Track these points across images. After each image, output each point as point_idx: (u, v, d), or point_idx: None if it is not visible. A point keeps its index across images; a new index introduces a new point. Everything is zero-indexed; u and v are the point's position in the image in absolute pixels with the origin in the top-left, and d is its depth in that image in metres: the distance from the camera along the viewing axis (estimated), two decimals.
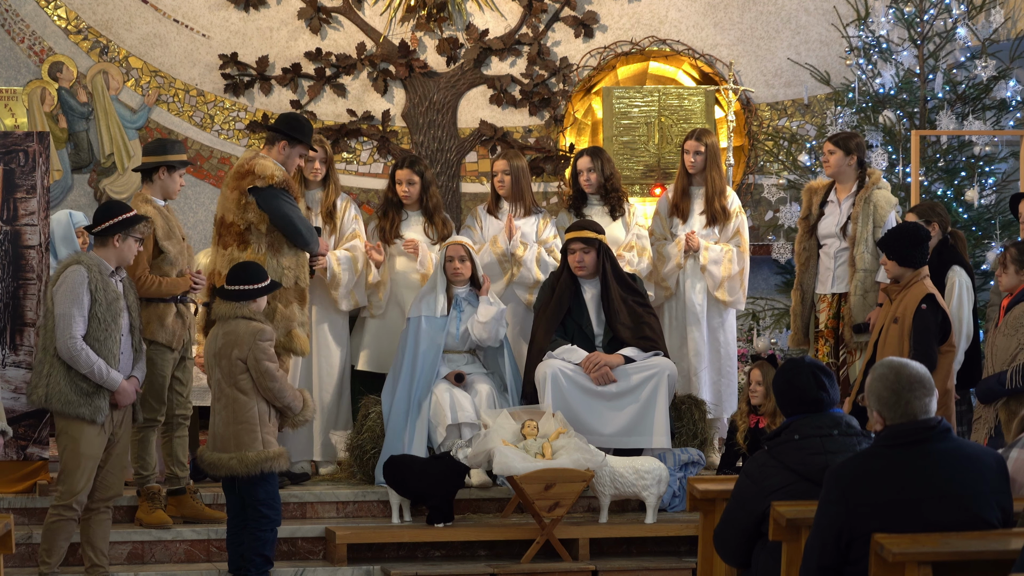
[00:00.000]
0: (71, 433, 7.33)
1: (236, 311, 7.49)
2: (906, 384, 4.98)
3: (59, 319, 7.24)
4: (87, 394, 7.29)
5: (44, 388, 7.33)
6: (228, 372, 7.44)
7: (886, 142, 10.78)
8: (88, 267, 7.30)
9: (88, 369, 7.26)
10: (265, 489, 7.46)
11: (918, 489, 4.89)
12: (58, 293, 7.29)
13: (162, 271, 7.96)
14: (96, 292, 7.28)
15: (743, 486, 5.47)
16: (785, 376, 5.50)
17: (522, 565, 8.01)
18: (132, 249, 7.46)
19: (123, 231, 7.40)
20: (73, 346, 7.23)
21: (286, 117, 8.58)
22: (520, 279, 9.32)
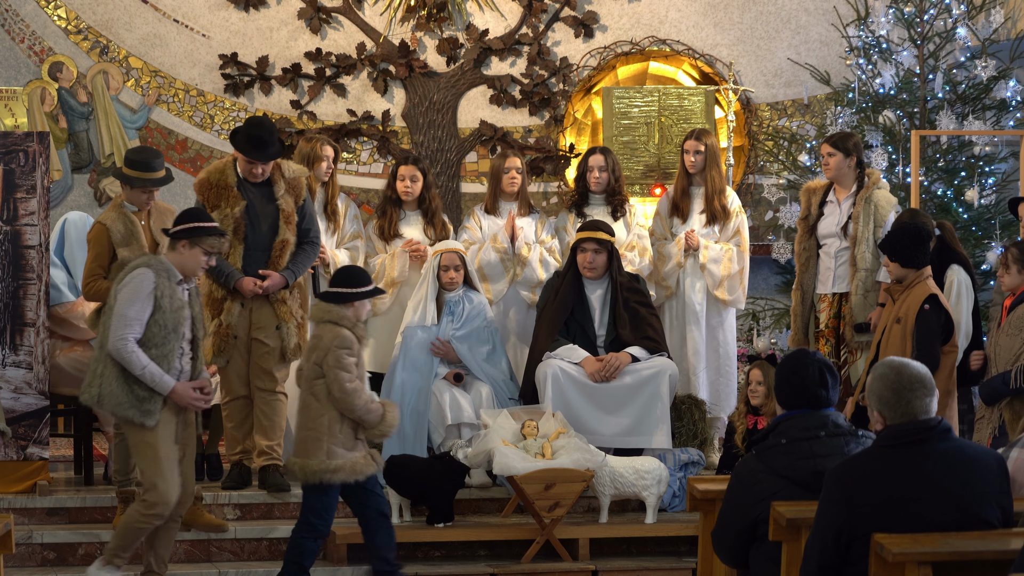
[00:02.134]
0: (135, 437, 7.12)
1: (326, 315, 7.36)
2: (907, 384, 4.98)
3: (114, 318, 7.04)
4: (140, 397, 7.07)
5: (97, 388, 7.13)
6: (307, 376, 7.33)
7: (886, 142, 10.78)
8: (157, 272, 7.07)
9: (140, 371, 7.02)
10: (320, 499, 7.32)
11: (918, 489, 4.89)
12: (121, 292, 7.06)
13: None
14: (161, 299, 7.04)
15: (735, 491, 5.47)
16: (791, 364, 5.49)
17: (522, 565, 8.01)
18: (198, 260, 7.15)
19: (190, 238, 7.13)
20: (124, 347, 7.01)
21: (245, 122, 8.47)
22: (524, 279, 9.32)
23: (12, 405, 8.16)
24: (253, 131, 8.19)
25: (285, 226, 8.25)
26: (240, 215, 8.18)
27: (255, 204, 8.23)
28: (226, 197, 8.19)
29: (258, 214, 8.23)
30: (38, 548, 7.95)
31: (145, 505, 7.08)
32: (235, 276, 8.17)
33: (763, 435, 5.52)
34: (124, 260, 7.73)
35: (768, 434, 5.48)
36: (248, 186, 8.25)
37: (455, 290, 8.88)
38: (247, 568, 7.96)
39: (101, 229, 7.97)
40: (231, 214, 8.16)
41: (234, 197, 8.21)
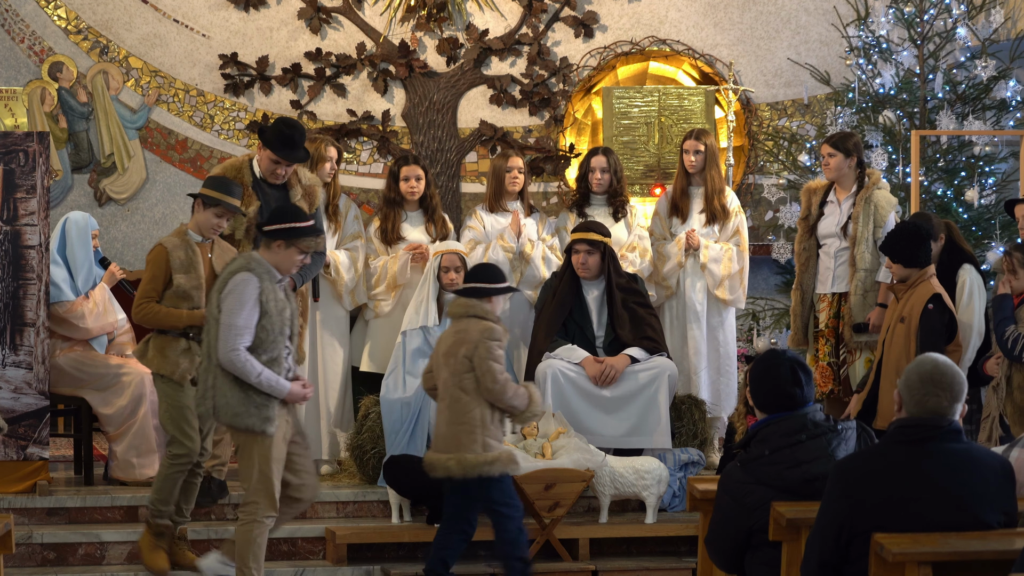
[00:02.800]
0: (245, 445, 7.02)
1: (469, 310, 7.34)
2: (934, 379, 4.99)
3: (223, 328, 6.90)
4: (257, 404, 6.95)
5: (211, 400, 6.99)
6: (454, 370, 7.26)
7: (886, 142, 10.78)
8: (259, 275, 6.95)
9: (256, 379, 6.91)
10: (499, 489, 7.29)
11: (919, 488, 4.89)
12: (226, 301, 6.92)
13: (172, 304, 7.57)
14: (266, 303, 6.95)
15: (724, 503, 5.47)
16: (763, 366, 5.50)
17: None
18: (293, 259, 7.04)
19: (287, 239, 7.01)
20: (236, 358, 6.88)
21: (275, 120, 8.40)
22: (527, 277, 9.32)
23: (12, 405, 8.17)
24: (286, 130, 8.11)
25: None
26: (254, 215, 8.08)
27: (269, 206, 8.08)
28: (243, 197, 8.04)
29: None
30: (38, 548, 7.96)
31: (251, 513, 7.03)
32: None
33: (744, 443, 5.52)
34: (179, 288, 7.52)
35: (749, 442, 5.48)
36: (264, 187, 8.16)
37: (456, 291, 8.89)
38: None
39: (161, 251, 7.61)
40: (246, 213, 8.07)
41: (249, 196, 8.09)
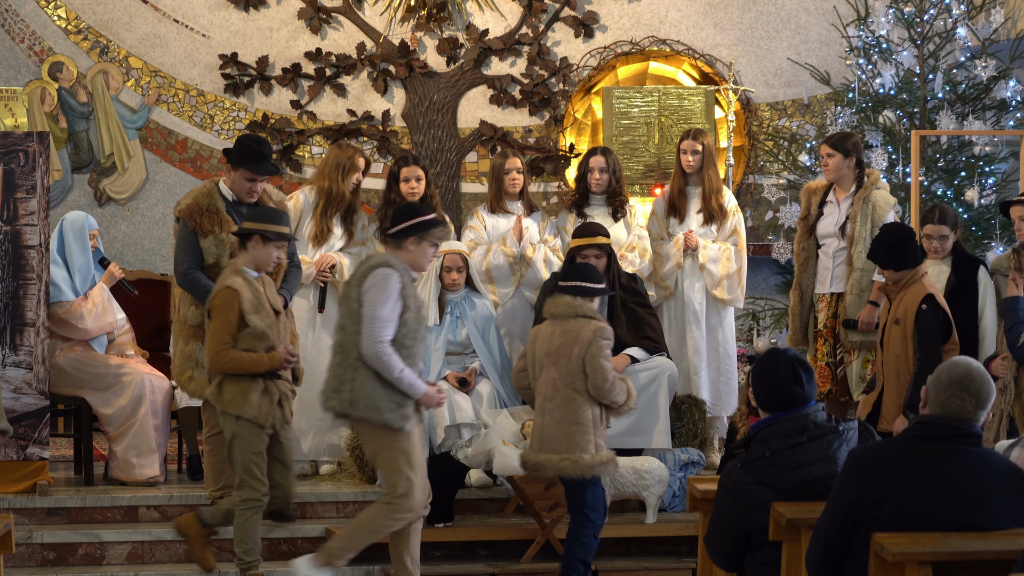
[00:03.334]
0: (384, 442, 6.95)
1: (576, 309, 7.36)
2: (964, 383, 4.99)
3: (367, 321, 6.82)
4: (396, 401, 6.90)
5: (348, 394, 6.89)
6: (567, 371, 7.27)
7: (886, 142, 10.78)
8: (399, 271, 6.89)
9: (396, 375, 6.86)
10: (593, 492, 7.33)
11: (933, 485, 4.89)
12: (368, 294, 6.85)
13: (248, 346, 7.31)
14: (407, 298, 6.89)
15: (724, 503, 5.47)
16: (763, 365, 5.52)
17: (522, 565, 8.01)
18: (427, 254, 7.04)
19: (418, 234, 6.99)
20: (383, 351, 6.81)
21: (237, 139, 8.23)
22: (528, 280, 9.32)
23: (12, 405, 8.16)
24: (254, 146, 7.97)
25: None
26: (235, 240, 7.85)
27: None
28: (218, 221, 7.90)
29: None
30: (38, 548, 7.96)
31: (393, 508, 6.96)
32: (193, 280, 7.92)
33: (744, 442, 5.53)
34: (255, 329, 7.26)
35: (750, 441, 5.48)
36: (237, 209, 7.95)
37: (457, 291, 8.88)
38: None
39: (231, 295, 7.27)
40: (227, 239, 7.85)
41: (225, 221, 7.91)
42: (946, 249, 8.58)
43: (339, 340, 6.97)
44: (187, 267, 7.88)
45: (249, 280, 7.32)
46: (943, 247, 8.55)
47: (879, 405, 8.03)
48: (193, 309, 7.89)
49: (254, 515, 7.33)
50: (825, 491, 5.17)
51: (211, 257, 7.87)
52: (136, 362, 8.74)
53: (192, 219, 7.89)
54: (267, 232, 7.33)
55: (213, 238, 7.87)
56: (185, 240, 7.90)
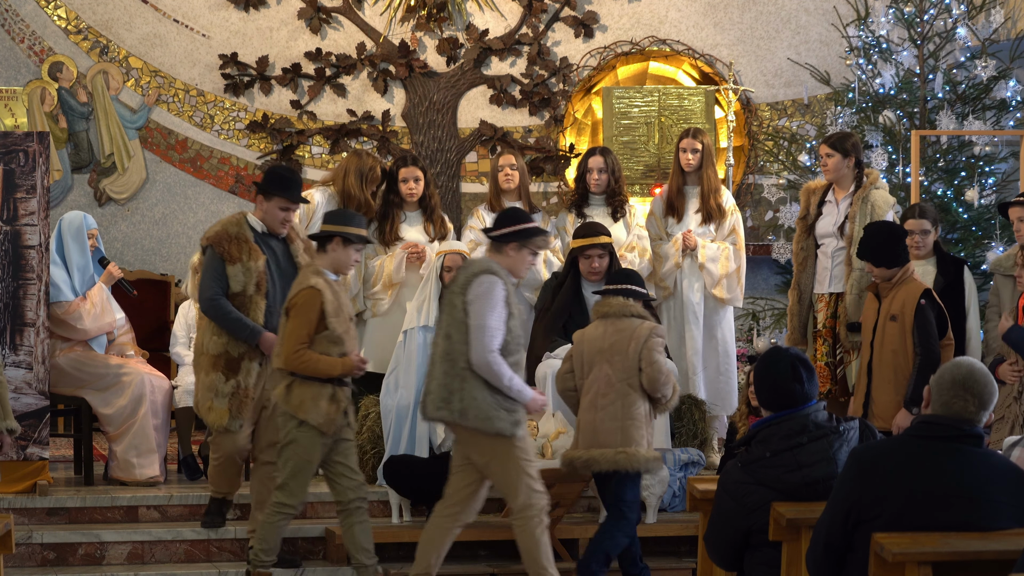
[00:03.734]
0: (497, 452, 6.93)
1: (627, 309, 7.49)
2: (967, 384, 4.99)
3: (476, 331, 6.81)
4: (506, 408, 6.87)
5: (459, 404, 6.86)
6: (623, 367, 7.36)
7: (886, 142, 10.78)
8: (503, 278, 6.89)
9: (507, 383, 6.84)
10: (633, 491, 7.40)
11: (934, 485, 4.88)
12: (475, 303, 6.84)
13: (323, 349, 7.24)
14: (511, 305, 6.89)
15: (723, 503, 5.47)
16: (764, 363, 5.54)
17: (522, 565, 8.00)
18: (526, 261, 7.04)
19: (519, 241, 7.00)
20: (493, 360, 6.80)
21: (267, 170, 7.97)
22: (527, 279, 9.31)
23: (12, 405, 8.15)
24: (287, 174, 7.80)
25: None
26: (263, 269, 7.72)
27: (276, 259, 7.79)
28: (247, 250, 7.69)
29: (279, 270, 7.77)
30: (38, 548, 7.95)
31: (527, 516, 6.98)
32: (258, 331, 7.65)
33: (745, 441, 5.53)
34: (333, 332, 7.20)
35: (750, 441, 5.49)
36: (265, 241, 7.77)
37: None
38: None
39: (314, 294, 7.19)
40: (255, 267, 7.67)
41: (254, 250, 7.70)
42: (927, 245, 8.58)
43: (445, 349, 6.93)
44: (213, 293, 7.64)
45: (329, 282, 7.28)
46: (924, 242, 8.56)
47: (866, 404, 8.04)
48: (214, 339, 7.66)
49: (285, 520, 7.30)
50: (825, 492, 5.17)
51: (237, 285, 7.65)
52: (136, 362, 8.74)
53: (220, 246, 7.67)
54: (348, 234, 7.30)
55: (241, 266, 7.66)
56: (212, 267, 7.67)
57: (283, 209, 7.72)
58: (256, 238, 7.73)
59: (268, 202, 7.71)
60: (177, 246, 11.42)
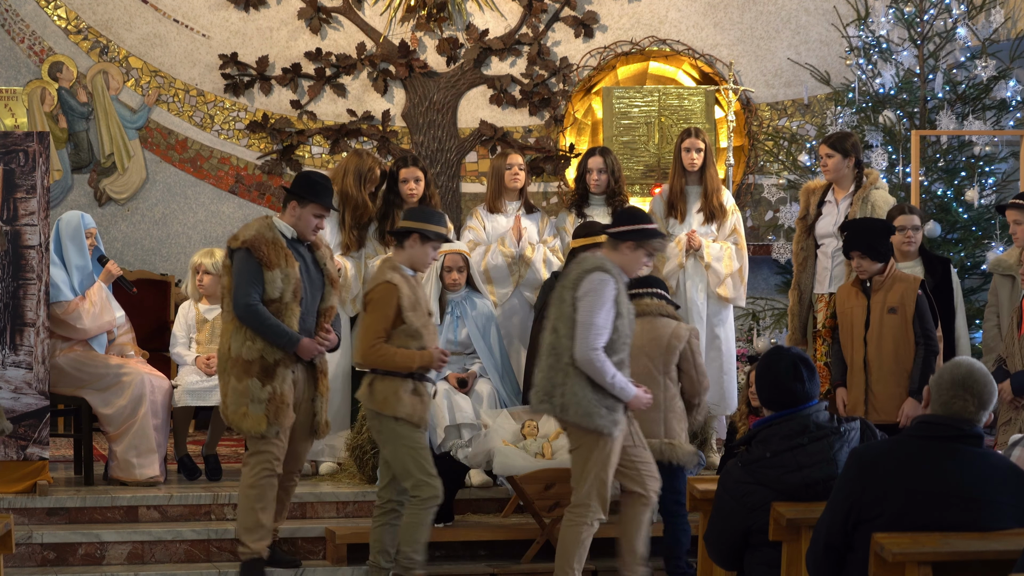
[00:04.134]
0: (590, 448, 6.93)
1: (662, 309, 7.70)
2: (967, 384, 5.00)
3: (582, 327, 6.82)
4: (607, 406, 6.89)
5: (560, 399, 6.87)
6: (664, 361, 7.59)
7: (886, 142, 10.78)
8: (615, 276, 6.90)
9: (609, 380, 6.85)
10: (683, 481, 7.44)
11: (934, 485, 4.89)
12: (584, 299, 6.84)
13: (401, 343, 7.22)
14: (620, 305, 6.90)
15: (723, 502, 5.48)
16: (765, 363, 5.57)
17: (522, 565, 8.01)
18: (640, 262, 7.06)
19: (637, 240, 7.01)
20: (596, 357, 6.81)
21: (299, 175, 7.74)
22: (527, 280, 9.32)
23: (12, 405, 8.16)
24: (320, 180, 7.61)
25: (333, 291, 7.65)
26: (299, 276, 7.48)
27: (307, 266, 7.57)
28: (283, 256, 7.43)
29: (310, 277, 7.56)
30: (38, 548, 7.95)
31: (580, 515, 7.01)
32: (297, 339, 7.40)
33: (745, 441, 5.53)
34: (410, 326, 7.19)
35: (751, 440, 5.49)
36: (295, 247, 7.55)
37: (458, 291, 8.88)
38: None
39: (391, 289, 7.19)
40: (292, 274, 7.41)
41: (289, 257, 7.45)
42: (918, 240, 8.60)
43: (551, 343, 6.95)
44: (252, 299, 7.34)
45: (406, 277, 7.30)
46: (916, 238, 8.58)
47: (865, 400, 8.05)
48: (248, 344, 7.38)
49: (430, 514, 7.28)
50: (825, 493, 5.18)
51: (275, 291, 7.38)
52: (136, 362, 8.74)
53: (259, 250, 7.38)
54: (427, 232, 7.32)
55: (280, 271, 7.39)
56: (249, 272, 7.36)
57: (317, 216, 7.55)
58: (288, 244, 7.51)
59: (302, 208, 7.49)
60: (177, 246, 11.42)
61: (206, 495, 8.36)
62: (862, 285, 8.09)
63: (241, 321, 7.38)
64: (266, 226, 7.48)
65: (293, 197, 7.49)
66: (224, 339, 7.48)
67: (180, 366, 9.12)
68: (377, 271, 7.41)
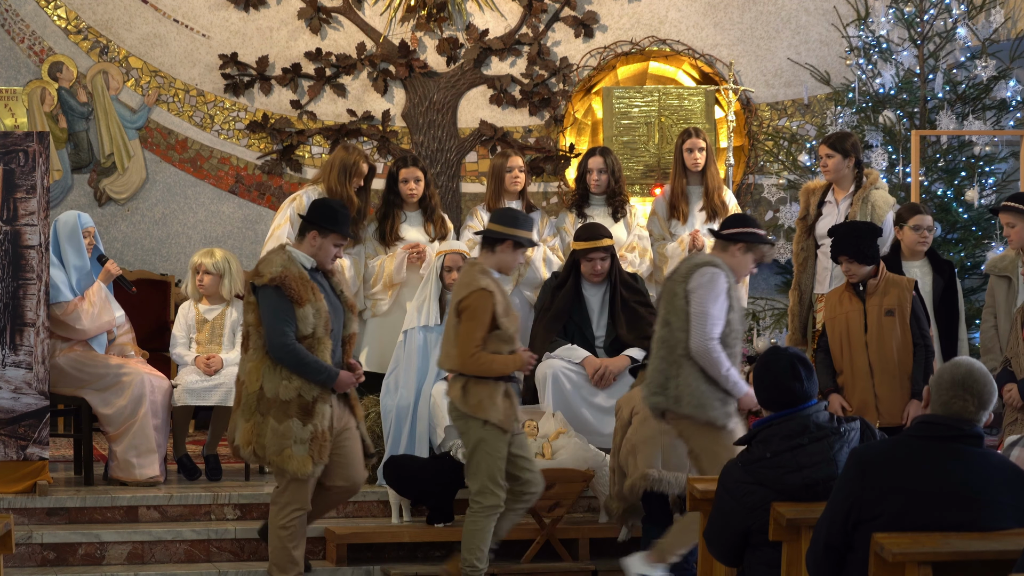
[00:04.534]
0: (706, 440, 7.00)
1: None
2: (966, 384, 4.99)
3: (696, 317, 6.88)
4: (719, 399, 6.97)
5: (674, 391, 6.95)
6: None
7: (886, 142, 10.78)
8: (725, 272, 6.97)
9: (724, 372, 6.92)
10: None
11: (934, 485, 4.88)
12: (697, 291, 6.90)
13: (495, 348, 7.29)
14: (732, 299, 6.96)
15: (723, 501, 5.48)
16: (763, 362, 5.57)
17: (522, 565, 8.01)
18: (748, 265, 7.15)
19: (747, 243, 7.11)
20: (712, 347, 6.88)
21: (316, 205, 7.56)
22: (527, 279, 9.32)
23: (12, 405, 8.17)
24: (340, 208, 7.46)
25: (353, 317, 7.54)
26: (327, 309, 7.32)
27: (329, 295, 7.42)
28: (311, 290, 7.26)
29: (332, 306, 7.40)
30: (38, 548, 7.96)
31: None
32: (335, 374, 7.27)
33: (746, 440, 5.54)
34: (504, 332, 7.26)
35: (751, 440, 5.49)
36: (314, 276, 7.39)
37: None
38: (247, 568, 7.97)
39: (487, 296, 7.25)
40: (322, 308, 7.26)
41: (316, 290, 7.28)
42: (930, 241, 8.60)
43: (662, 336, 7.00)
44: (288, 338, 7.16)
45: (495, 281, 7.35)
46: (930, 238, 8.58)
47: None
48: (285, 383, 7.19)
49: (492, 521, 7.36)
50: (825, 493, 5.18)
51: (308, 327, 7.21)
52: (136, 362, 8.74)
53: (290, 289, 7.18)
54: (520, 239, 7.39)
55: (311, 307, 7.21)
56: (283, 310, 7.17)
57: (337, 245, 7.43)
58: (309, 273, 7.36)
59: (323, 238, 7.33)
60: (177, 246, 11.42)
61: (206, 495, 8.36)
62: (855, 289, 8.07)
63: (279, 361, 7.19)
64: (288, 259, 7.28)
65: (313, 227, 7.33)
66: (253, 378, 7.24)
67: (180, 367, 9.11)
68: (466, 276, 7.39)
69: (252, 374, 7.25)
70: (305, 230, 7.38)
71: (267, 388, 7.20)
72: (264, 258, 7.38)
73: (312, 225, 7.34)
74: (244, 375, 7.31)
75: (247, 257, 10.78)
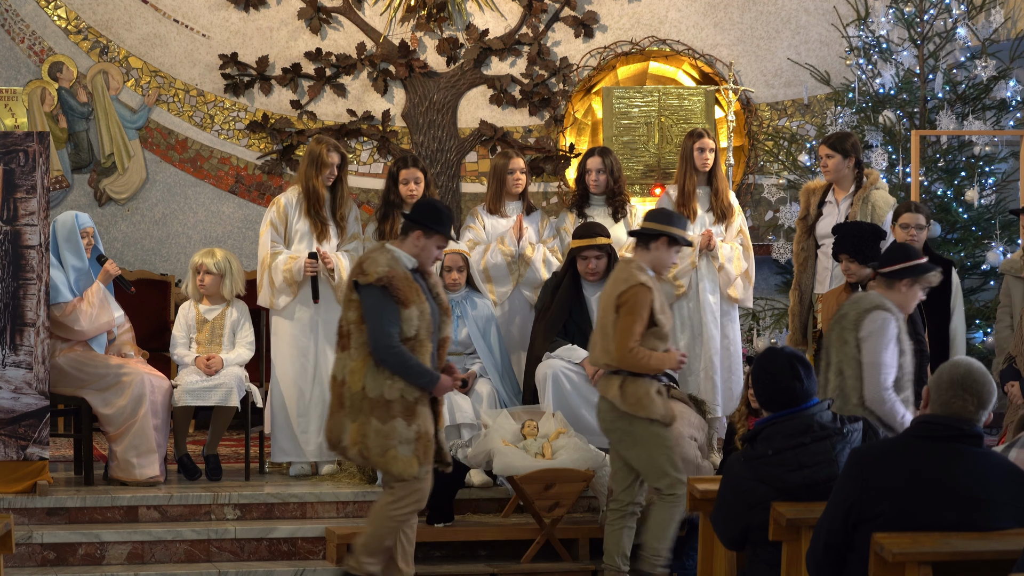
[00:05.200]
0: None
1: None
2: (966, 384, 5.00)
3: (870, 368, 6.67)
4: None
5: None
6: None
7: (886, 142, 10.78)
8: (895, 315, 6.75)
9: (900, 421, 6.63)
10: None
11: (934, 485, 4.89)
12: (868, 340, 6.70)
13: (651, 345, 7.30)
14: (902, 343, 6.75)
15: (726, 496, 5.50)
16: (761, 363, 5.57)
17: (522, 565, 8.01)
18: (916, 297, 6.89)
19: (913, 277, 6.84)
20: (888, 397, 6.66)
21: (421, 205, 7.43)
22: (527, 279, 9.32)
23: (12, 405, 8.16)
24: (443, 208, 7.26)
25: (448, 321, 7.35)
26: (430, 312, 7.17)
27: (430, 296, 7.25)
28: (415, 292, 7.09)
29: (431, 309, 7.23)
30: (38, 548, 7.96)
31: None
32: (437, 377, 7.13)
33: (750, 436, 5.54)
34: (661, 329, 7.29)
35: (754, 438, 5.50)
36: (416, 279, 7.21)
37: (458, 291, 8.89)
38: (247, 568, 7.97)
39: (646, 292, 7.25)
40: (426, 310, 7.10)
41: (420, 292, 7.12)
42: (922, 240, 8.59)
43: (837, 384, 6.80)
44: (393, 340, 7.00)
45: (652, 278, 7.37)
46: (920, 237, 8.57)
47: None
48: (389, 383, 7.03)
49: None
50: (825, 494, 5.18)
51: (411, 330, 7.05)
52: (136, 362, 8.74)
53: (397, 290, 7.02)
54: (675, 236, 7.41)
55: (416, 309, 7.05)
56: (389, 311, 7.01)
57: (439, 247, 7.25)
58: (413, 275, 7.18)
59: (428, 239, 7.12)
60: (177, 246, 11.42)
61: (206, 495, 8.36)
62: (853, 289, 8.07)
63: (382, 363, 7.04)
64: (393, 259, 7.10)
65: (418, 227, 7.14)
66: (356, 377, 7.08)
67: (180, 367, 9.11)
68: (622, 271, 7.38)
69: (355, 374, 7.08)
70: (409, 230, 7.17)
71: (370, 388, 7.04)
72: (368, 256, 7.18)
73: (417, 225, 7.14)
74: (344, 374, 7.12)
75: (247, 257, 10.78)
